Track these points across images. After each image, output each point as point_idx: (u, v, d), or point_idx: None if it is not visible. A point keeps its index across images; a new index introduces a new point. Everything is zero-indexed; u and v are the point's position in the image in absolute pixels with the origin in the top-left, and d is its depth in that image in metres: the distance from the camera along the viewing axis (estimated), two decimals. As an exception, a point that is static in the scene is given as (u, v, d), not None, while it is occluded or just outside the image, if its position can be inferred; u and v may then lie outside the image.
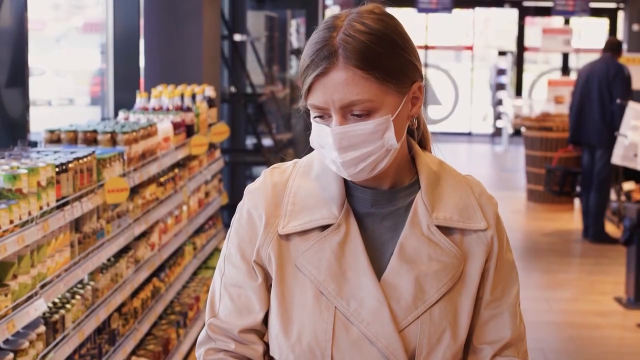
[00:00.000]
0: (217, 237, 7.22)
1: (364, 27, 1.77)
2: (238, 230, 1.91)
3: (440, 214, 1.86)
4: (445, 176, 1.92)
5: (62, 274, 3.84)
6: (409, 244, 1.84)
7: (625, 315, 7.00)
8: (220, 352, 1.88)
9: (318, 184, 1.89)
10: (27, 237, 3.38)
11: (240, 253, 1.90)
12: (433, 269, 1.84)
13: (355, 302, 1.81)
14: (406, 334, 1.81)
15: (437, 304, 1.83)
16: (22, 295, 3.41)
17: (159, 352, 5.21)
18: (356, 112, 1.76)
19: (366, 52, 1.75)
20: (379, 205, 1.88)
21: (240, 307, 1.88)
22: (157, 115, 5.96)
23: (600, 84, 9.45)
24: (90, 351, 4.24)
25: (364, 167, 1.80)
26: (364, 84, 1.75)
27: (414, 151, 1.93)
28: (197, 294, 6.23)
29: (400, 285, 1.83)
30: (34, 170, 3.51)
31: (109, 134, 4.75)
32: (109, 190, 4.32)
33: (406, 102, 1.82)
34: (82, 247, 4.11)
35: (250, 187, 1.94)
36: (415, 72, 1.83)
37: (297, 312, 1.83)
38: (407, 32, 1.83)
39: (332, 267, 1.83)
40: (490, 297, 1.90)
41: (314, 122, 1.83)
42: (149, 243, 5.22)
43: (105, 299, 4.41)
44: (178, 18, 7.62)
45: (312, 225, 1.85)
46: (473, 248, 1.88)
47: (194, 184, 6.30)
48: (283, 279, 1.85)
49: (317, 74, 1.76)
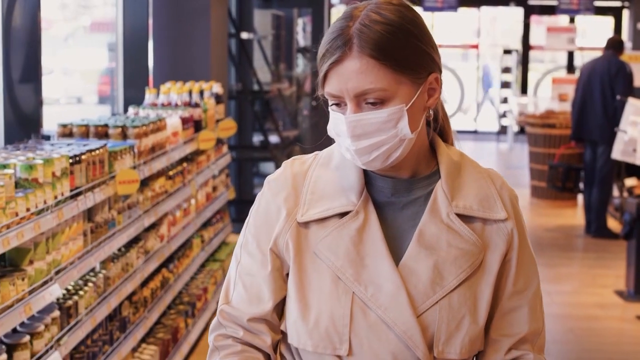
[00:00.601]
0: (225, 230, 7.37)
1: (380, 17, 1.78)
2: (256, 219, 1.93)
3: (460, 202, 1.87)
4: (465, 167, 1.93)
5: (75, 262, 3.99)
6: (428, 231, 1.85)
7: (625, 307, 7.13)
8: (229, 338, 1.90)
9: (337, 174, 1.91)
10: (43, 225, 3.54)
11: (257, 242, 1.91)
12: (452, 255, 1.84)
13: (373, 287, 1.82)
14: (424, 319, 1.82)
15: (456, 290, 1.83)
16: (37, 280, 3.56)
17: (168, 340, 5.36)
18: (370, 100, 1.78)
19: (380, 42, 1.76)
20: (399, 194, 1.89)
21: (252, 295, 1.89)
22: (166, 110, 6.12)
23: (602, 81, 9.58)
24: (102, 337, 4.39)
25: (378, 155, 1.81)
26: (378, 73, 1.76)
27: (434, 142, 1.94)
28: (205, 285, 6.38)
29: (418, 270, 1.84)
30: (49, 161, 3.66)
31: (119, 128, 4.91)
32: (120, 181, 4.47)
33: (422, 92, 1.82)
34: (95, 236, 4.27)
35: (270, 178, 1.96)
36: (432, 64, 1.83)
37: (315, 298, 1.84)
38: (424, 24, 1.84)
39: (350, 253, 1.84)
40: (512, 289, 1.91)
41: (330, 110, 1.85)
42: (159, 234, 5.38)
43: (116, 287, 4.56)
44: (186, 17, 7.77)
45: (331, 213, 1.86)
46: (493, 238, 1.89)
47: (201, 178, 6.45)
48: (301, 265, 1.86)
49: (332, 62, 1.78)
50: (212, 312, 6.50)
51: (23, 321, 3.56)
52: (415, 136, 1.83)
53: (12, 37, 4.88)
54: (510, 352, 1.91)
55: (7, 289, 3.29)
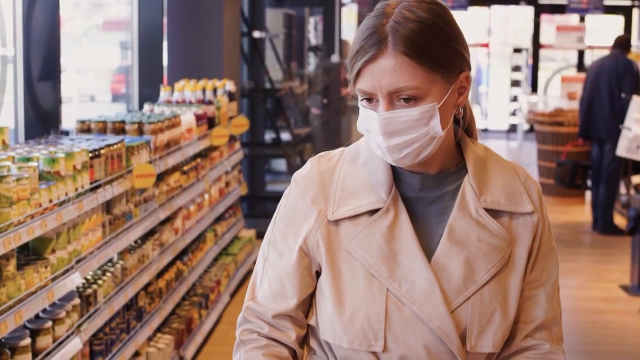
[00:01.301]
0: (237, 225, 7.53)
1: (413, 15, 1.78)
2: (283, 216, 1.94)
3: (488, 197, 1.89)
4: (491, 161, 1.95)
5: (94, 252, 4.16)
6: (458, 226, 1.87)
7: (629, 301, 7.26)
8: (254, 332, 1.93)
9: (365, 170, 1.91)
10: (65, 215, 3.70)
11: (284, 239, 1.93)
12: (482, 250, 1.86)
13: (407, 284, 1.83)
14: (457, 314, 1.84)
15: (487, 285, 1.85)
16: (59, 268, 3.73)
17: (182, 330, 5.53)
18: (403, 96, 1.78)
19: (415, 40, 1.76)
20: (427, 190, 1.90)
21: (277, 292, 1.91)
22: (180, 107, 6.29)
23: (609, 79, 9.70)
24: (120, 325, 4.55)
25: (408, 153, 1.82)
26: (412, 71, 1.76)
27: (460, 138, 1.96)
28: (218, 278, 6.54)
29: (450, 266, 1.85)
30: (70, 154, 3.83)
31: (136, 124, 5.07)
32: (137, 175, 4.63)
33: (453, 91, 1.83)
34: (113, 227, 4.43)
35: (297, 175, 1.97)
36: (463, 62, 1.84)
37: (349, 295, 1.85)
38: (456, 22, 1.85)
39: (382, 250, 1.85)
40: (529, 278, 1.92)
41: (360, 106, 1.85)
42: (173, 228, 5.54)
43: (133, 277, 4.72)
44: (200, 16, 7.94)
45: (361, 210, 1.87)
46: (520, 231, 1.91)
47: (215, 173, 6.61)
48: (334, 263, 1.87)
49: (366, 60, 1.78)
50: (225, 304, 6.67)
51: (45, 308, 3.73)
52: (445, 133, 1.84)
53: (32, 36, 5.05)
54: (526, 339, 1.94)
55: (31, 276, 3.46)
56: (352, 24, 14.88)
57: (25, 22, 5.02)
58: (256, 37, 9.88)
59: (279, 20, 11.67)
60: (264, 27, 10.62)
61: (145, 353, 4.97)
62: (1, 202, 3.20)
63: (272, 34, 11.12)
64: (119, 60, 16.55)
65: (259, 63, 9.92)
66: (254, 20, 10.26)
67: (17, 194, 3.30)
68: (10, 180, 3.25)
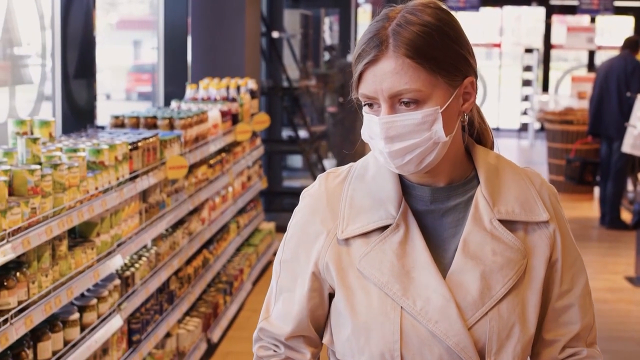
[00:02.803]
0: (258, 218, 7.87)
1: (416, 17, 1.76)
2: (293, 235, 1.93)
3: (502, 207, 1.84)
4: (503, 169, 1.90)
5: (132, 237, 4.49)
6: (472, 240, 1.82)
7: (633, 291, 7.57)
8: (270, 349, 1.94)
9: (374, 185, 1.87)
10: (108, 202, 4.03)
11: (295, 259, 1.91)
12: (498, 264, 1.81)
13: (422, 301, 1.79)
14: (475, 330, 1.79)
15: (504, 299, 1.80)
16: (103, 250, 4.06)
17: (209, 314, 5.86)
18: (405, 99, 1.75)
19: (416, 42, 1.74)
20: (438, 202, 1.86)
21: (289, 313, 1.90)
22: (206, 104, 6.61)
23: (618, 79, 10.01)
24: (154, 307, 4.88)
25: (411, 159, 1.77)
26: (413, 73, 1.74)
27: (470, 146, 1.91)
28: (241, 267, 6.87)
29: (466, 281, 1.80)
30: (113, 146, 4.16)
31: (167, 120, 5.40)
32: (170, 167, 4.96)
33: (457, 96, 1.80)
34: (148, 215, 4.76)
35: (305, 193, 1.95)
36: (468, 67, 1.81)
37: (363, 315, 1.81)
38: (461, 27, 1.82)
39: (394, 268, 1.81)
40: (559, 290, 1.89)
41: (364, 113, 1.82)
42: (200, 218, 5.87)
43: (165, 262, 5.05)
44: (222, 17, 8.27)
45: (371, 227, 1.83)
46: (536, 241, 1.86)
47: (238, 167, 6.93)
48: (346, 283, 1.84)
49: (367, 62, 1.76)
50: (248, 291, 7.00)
51: (89, 287, 4.06)
52: (450, 140, 1.80)
53: (69, 35, 5.37)
54: (564, 351, 1.92)
55: (79, 256, 3.78)
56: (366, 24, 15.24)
57: (62, 23, 5.34)
58: (275, 37, 10.20)
59: (296, 20, 12.00)
60: (282, 27, 10.94)
61: (176, 334, 5.30)
62: (55, 188, 3.53)
63: (289, 34, 11.43)
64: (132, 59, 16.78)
65: (277, 62, 10.24)
66: (272, 21, 10.58)
67: (69, 181, 3.63)
68: (63, 168, 3.58)
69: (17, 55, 5.15)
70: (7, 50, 5.00)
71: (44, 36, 5.38)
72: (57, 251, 3.60)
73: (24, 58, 5.27)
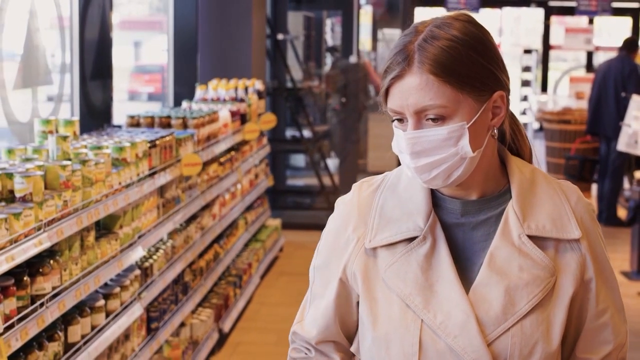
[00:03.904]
0: (265, 214, 8.12)
1: (443, 32, 1.75)
2: (326, 243, 1.95)
3: (532, 223, 1.82)
4: (538, 183, 1.87)
5: (151, 230, 4.74)
6: (499, 254, 1.80)
7: (628, 285, 7.83)
8: (301, 352, 1.99)
9: (405, 196, 1.87)
10: (131, 196, 4.29)
11: (327, 266, 1.93)
12: (524, 280, 1.79)
13: (442, 315, 1.78)
14: (495, 346, 1.77)
15: (528, 316, 1.78)
16: (125, 242, 4.32)
17: (220, 305, 6.11)
18: (430, 116, 1.75)
19: (441, 58, 1.73)
20: (469, 215, 1.84)
21: (320, 318, 1.93)
22: (216, 104, 6.86)
23: (616, 80, 10.28)
24: (170, 297, 5.13)
25: (438, 174, 1.77)
26: (438, 89, 1.73)
27: (505, 159, 1.89)
28: (250, 261, 7.13)
29: (489, 296, 1.79)
30: (134, 144, 4.41)
31: (181, 119, 5.65)
32: (185, 164, 5.21)
33: (485, 110, 1.78)
34: (165, 210, 5.02)
35: (340, 201, 1.97)
36: (496, 82, 1.79)
37: (384, 325, 1.82)
38: (491, 42, 1.80)
39: (418, 280, 1.81)
40: (595, 310, 1.86)
41: (393, 127, 1.82)
42: (212, 213, 6.12)
43: (180, 255, 5.30)
44: (230, 20, 8.53)
45: (398, 238, 1.84)
46: (566, 259, 1.83)
47: (246, 166, 7.19)
48: (370, 293, 1.85)
49: (393, 78, 1.76)
50: (256, 285, 7.26)
51: (112, 277, 4.31)
52: (479, 155, 1.78)
53: (86, 37, 5.61)
54: None
55: (105, 247, 4.04)
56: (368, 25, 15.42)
57: (80, 26, 5.58)
58: (279, 39, 10.45)
59: (299, 22, 12.22)
60: (285, 29, 11.18)
61: (190, 324, 5.55)
62: (84, 182, 3.78)
63: (292, 36, 11.67)
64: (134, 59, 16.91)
65: (282, 63, 10.49)
66: (276, 23, 10.83)
67: (96, 176, 3.88)
68: (91, 164, 3.83)
69: (39, 57, 5.39)
70: (30, 53, 5.24)
71: (63, 38, 5.62)
72: (86, 241, 3.85)
73: (45, 60, 5.51)
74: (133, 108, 9.24)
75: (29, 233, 3.26)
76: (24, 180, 3.30)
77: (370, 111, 13.10)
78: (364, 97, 12.74)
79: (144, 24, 21.13)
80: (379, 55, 15.27)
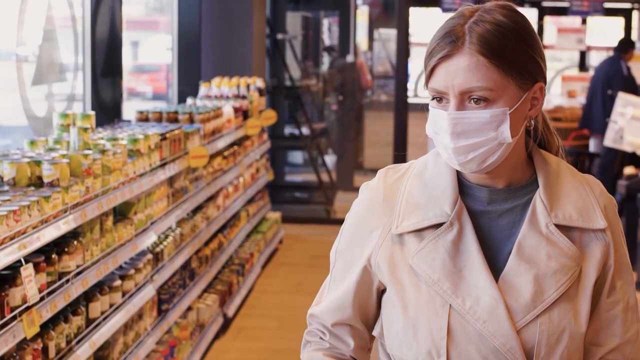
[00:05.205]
0: (265, 207, 8.45)
1: (492, 18, 1.78)
2: (350, 227, 1.94)
3: (559, 212, 1.83)
4: (564, 175, 1.89)
5: (162, 217, 5.05)
6: (527, 243, 1.82)
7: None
8: (317, 335, 1.99)
9: (431, 183, 1.87)
10: (144, 185, 4.60)
11: (350, 251, 1.93)
12: (552, 268, 1.81)
13: (471, 300, 1.79)
14: (524, 333, 1.79)
15: (556, 304, 1.80)
16: (139, 227, 4.63)
17: (224, 291, 6.43)
18: (474, 97, 1.75)
19: (492, 41, 1.75)
20: (496, 203, 1.86)
21: (338, 301, 1.93)
22: (219, 101, 7.18)
23: (603, 79, 10.66)
24: (178, 281, 5.45)
25: (474, 157, 1.78)
26: (486, 71, 1.74)
27: (532, 151, 1.91)
28: (251, 251, 7.45)
29: (519, 284, 1.80)
30: (147, 136, 4.73)
31: (187, 114, 5.96)
32: (192, 156, 5.53)
33: (525, 99, 1.80)
34: (174, 199, 5.33)
35: (364, 187, 1.96)
36: (539, 72, 1.82)
37: (412, 311, 1.83)
38: (535, 32, 1.83)
39: (446, 266, 1.81)
40: (608, 300, 1.87)
41: (430, 107, 1.83)
42: (216, 205, 6.44)
43: (187, 242, 5.62)
44: (231, 20, 8.85)
45: (425, 224, 1.84)
46: (591, 248, 1.85)
47: (247, 160, 7.51)
48: (398, 278, 1.85)
49: (441, 57, 1.77)
50: (257, 274, 7.59)
51: (127, 260, 4.62)
52: (514, 142, 1.80)
53: (97, 35, 5.92)
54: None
55: (121, 231, 4.35)
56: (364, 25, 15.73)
57: (91, 25, 5.89)
58: (278, 38, 10.77)
59: (297, 22, 12.53)
60: (284, 29, 11.49)
61: (196, 308, 5.87)
62: (103, 170, 4.10)
63: (291, 36, 11.98)
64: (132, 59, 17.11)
65: (281, 62, 10.80)
66: (276, 23, 11.14)
67: (113, 165, 4.20)
68: (109, 154, 4.15)
69: (54, 55, 5.70)
70: (46, 51, 5.55)
71: (76, 36, 5.92)
72: (104, 225, 4.17)
73: (59, 58, 5.81)
74: (136, 106, 9.53)
75: (57, 215, 3.57)
76: (52, 167, 3.61)
77: (367, 109, 13.43)
78: (360, 96, 13.07)
79: (141, 24, 21.42)
80: (375, 54, 15.57)
